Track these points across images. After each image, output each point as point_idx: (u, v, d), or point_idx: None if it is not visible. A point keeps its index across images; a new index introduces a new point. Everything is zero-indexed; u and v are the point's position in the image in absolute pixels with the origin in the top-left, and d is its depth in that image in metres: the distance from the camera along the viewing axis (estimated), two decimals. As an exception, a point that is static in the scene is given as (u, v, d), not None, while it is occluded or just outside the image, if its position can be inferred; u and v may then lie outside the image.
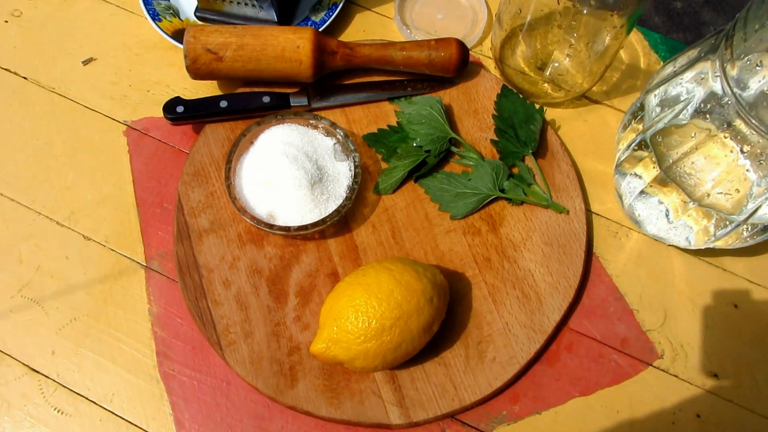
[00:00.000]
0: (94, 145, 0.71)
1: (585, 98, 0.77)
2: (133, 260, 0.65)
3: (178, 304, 0.63)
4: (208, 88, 0.74)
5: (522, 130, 0.69)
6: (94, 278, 0.64)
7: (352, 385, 0.58)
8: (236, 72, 0.68)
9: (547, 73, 0.74)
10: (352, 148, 0.65)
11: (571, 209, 0.67)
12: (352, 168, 0.64)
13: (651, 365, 0.63)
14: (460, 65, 0.70)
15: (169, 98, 0.68)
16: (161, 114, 0.68)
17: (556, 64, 0.74)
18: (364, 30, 0.79)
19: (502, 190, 0.66)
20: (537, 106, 0.71)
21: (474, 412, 0.60)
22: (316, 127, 0.67)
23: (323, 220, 0.61)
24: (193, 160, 0.67)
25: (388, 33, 0.78)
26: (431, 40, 0.70)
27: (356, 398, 0.58)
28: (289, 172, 0.61)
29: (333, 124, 0.66)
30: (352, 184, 0.63)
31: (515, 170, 0.69)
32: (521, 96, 0.71)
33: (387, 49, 0.69)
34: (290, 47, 0.67)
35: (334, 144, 0.66)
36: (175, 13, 0.75)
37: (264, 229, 0.61)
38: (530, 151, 0.68)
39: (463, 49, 0.70)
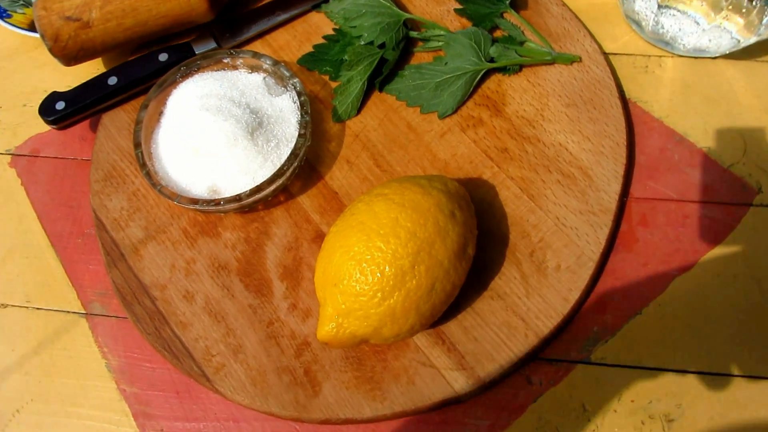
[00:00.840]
0: (-22, 192, 0.55)
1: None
2: (69, 312, 0.50)
3: (139, 345, 0.48)
4: (94, 72, 0.58)
5: (488, -16, 0.53)
6: (26, 352, 0.49)
7: (391, 364, 0.43)
8: (114, 36, 0.52)
9: None
10: (287, 74, 0.49)
11: (583, 54, 0.52)
12: (296, 98, 0.49)
13: (751, 205, 0.48)
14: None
15: (45, 100, 0.52)
16: (47, 127, 0.53)
17: None
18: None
19: (492, 60, 0.51)
20: (494, -48, 0.55)
21: (558, 342, 0.45)
22: (234, 67, 0.51)
23: (281, 171, 0.46)
24: (98, 162, 0.52)
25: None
26: None
27: (402, 379, 0.43)
28: (215, 126, 0.46)
29: (255, 54, 0.50)
30: (302, 116, 0.48)
31: (498, 34, 0.53)
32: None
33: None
34: (166, -21, 0.51)
35: (264, 78, 0.50)
36: (27, 2, 0.59)
37: (210, 210, 0.45)
38: (507, 4, 0.53)
39: None
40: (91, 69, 0.58)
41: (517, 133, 0.49)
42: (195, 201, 0.45)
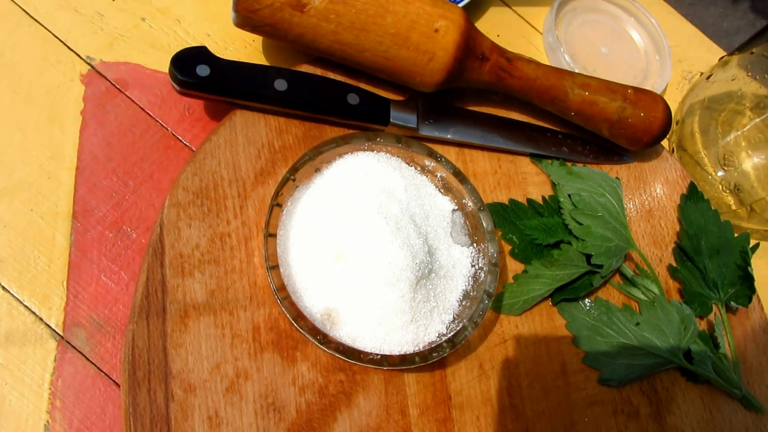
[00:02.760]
0: (22, 84, 0.39)
1: (771, 228, 0.53)
2: (40, 318, 0.35)
3: (108, 427, 0.33)
4: (246, 47, 0.44)
5: (713, 261, 0.44)
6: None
7: None
8: (319, 40, 0.39)
9: (719, 173, 0.51)
10: (488, 227, 0.37)
11: (768, 409, 0.43)
12: (478, 262, 0.37)
13: None
14: (659, 136, 0.44)
15: (185, 45, 0.38)
16: (161, 65, 0.38)
17: (744, 166, 0.51)
18: (498, 34, 0.51)
19: (688, 356, 0.41)
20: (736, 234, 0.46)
21: None
22: (429, 173, 0.39)
23: (423, 354, 0.33)
24: (199, 165, 0.37)
25: (529, 48, 0.52)
26: (629, 87, 0.44)
27: None
28: (386, 248, 0.33)
29: (459, 176, 0.38)
30: (482, 296, 0.36)
31: (701, 325, 0.44)
32: (713, 207, 0.47)
33: (562, 80, 0.42)
34: (425, 25, 0.39)
35: (454, 211, 0.38)
36: None
37: (312, 340, 0.32)
38: (722, 298, 0.44)
39: (668, 113, 0.44)
40: (246, 41, 0.44)
41: (669, 457, 0.39)
42: (299, 315, 0.32)
